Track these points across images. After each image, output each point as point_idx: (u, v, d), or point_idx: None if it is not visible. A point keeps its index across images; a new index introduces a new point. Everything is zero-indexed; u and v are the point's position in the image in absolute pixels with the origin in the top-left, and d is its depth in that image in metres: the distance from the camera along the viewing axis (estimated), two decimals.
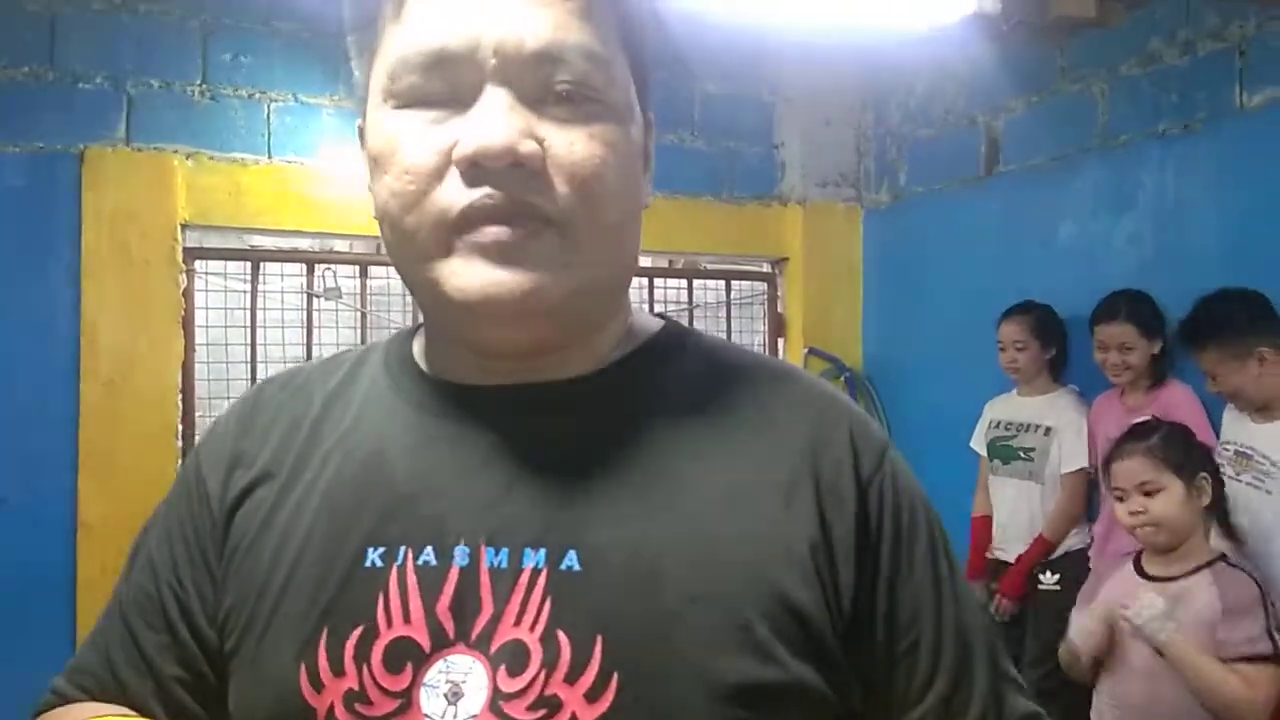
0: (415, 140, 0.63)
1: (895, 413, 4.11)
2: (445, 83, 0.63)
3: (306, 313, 3.67)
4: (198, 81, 3.39)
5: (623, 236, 0.68)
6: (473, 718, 0.60)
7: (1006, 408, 3.38)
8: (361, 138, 0.70)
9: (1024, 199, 3.60)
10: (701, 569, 0.63)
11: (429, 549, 0.65)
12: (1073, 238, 3.41)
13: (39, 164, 3.17)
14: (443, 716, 0.61)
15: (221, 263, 3.58)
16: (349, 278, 3.73)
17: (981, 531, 3.40)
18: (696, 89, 4.11)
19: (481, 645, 0.62)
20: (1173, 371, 2.94)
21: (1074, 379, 3.29)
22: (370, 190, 0.68)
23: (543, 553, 0.63)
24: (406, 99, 0.64)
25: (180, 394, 3.35)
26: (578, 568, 0.63)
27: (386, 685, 0.62)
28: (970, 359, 3.55)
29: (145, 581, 0.74)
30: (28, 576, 3.05)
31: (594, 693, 0.60)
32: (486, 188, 0.62)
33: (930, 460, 3.85)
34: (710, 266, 4.44)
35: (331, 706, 0.63)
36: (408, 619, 0.63)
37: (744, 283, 4.39)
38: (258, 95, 3.46)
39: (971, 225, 3.81)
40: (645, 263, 4.42)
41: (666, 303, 4.26)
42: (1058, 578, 3.10)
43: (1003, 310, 3.32)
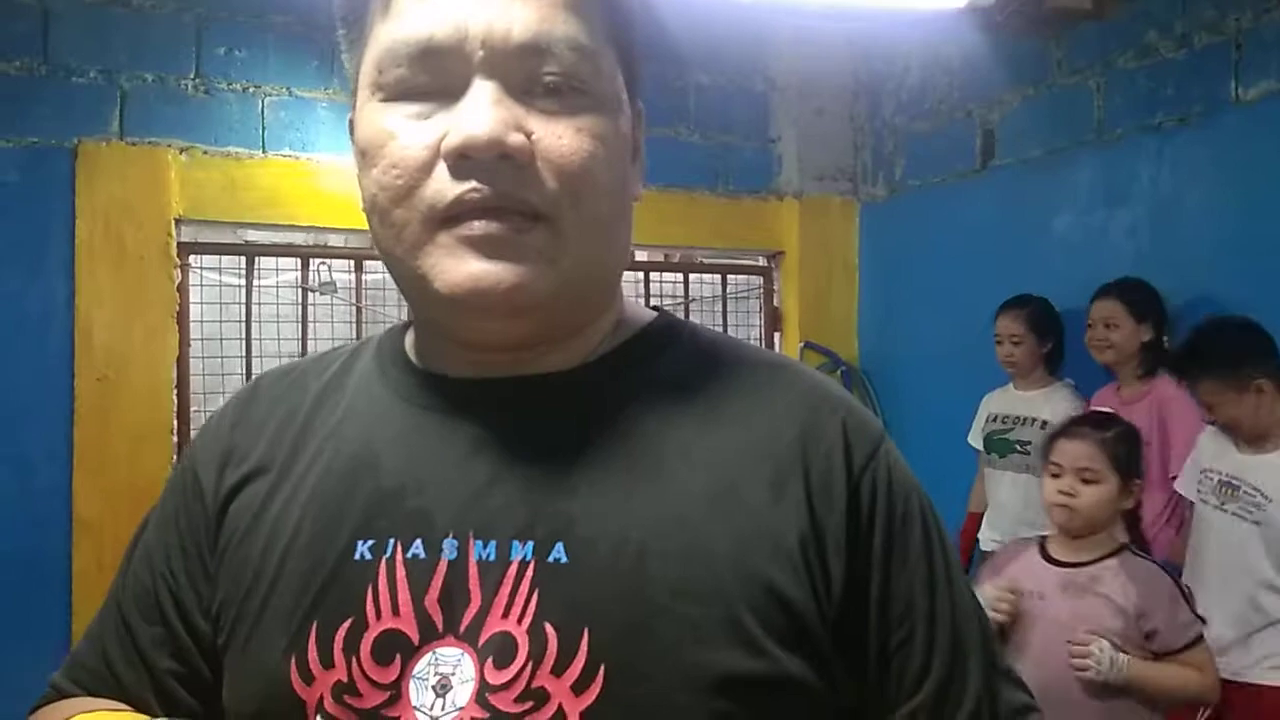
0: (403, 133, 0.63)
1: (891, 406, 4.11)
2: (433, 75, 0.63)
3: (302, 307, 3.67)
4: (192, 75, 3.38)
5: (611, 230, 0.68)
6: (460, 710, 0.61)
7: (1003, 401, 3.38)
8: (352, 130, 0.70)
9: (1020, 192, 3.60)
10: (689, 562, 0.63)
11: (418, 542, 0.65)
12: (1069, 231, 3.41)
13: (32, 158, 3.16)
14: (431, 709, 0.61)
15: (216, 257, 3.58)
16: (344, 272, 3.73)
17: (974, 529, 3.40)
18: (690, 80, 4.11)
19: (470, 637, 0.62)
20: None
21: (1070, 373, 3.29)
22: (359, 183, 0.67)
23: (530, 545, 0.63)
24: (394, 91, 0.64)
25: (175, 389, 3.35)
26: (565, 560, 0.63)
27: (375, 677, 0.63)
28: (966, 352, 3.55)
29: (142, 574, 0.75)
30: (23, 572, 3.05)
31: (581, 685, 0.60)
32: (474, 181, 0.62)
33: (925, 453, 3.86)
34: (706, 260, 4.44)
35: (321, 698, 0.63)
36: (396, 611, 0.63)
37: (740, 277, 4.40)
38: (252, 89, 3.45)
39: (967, 219, 3.81)
40: (641, 257, 4.42)
41: (662, 297, 4.26)
42: None
43: (999, 304, 3.32)
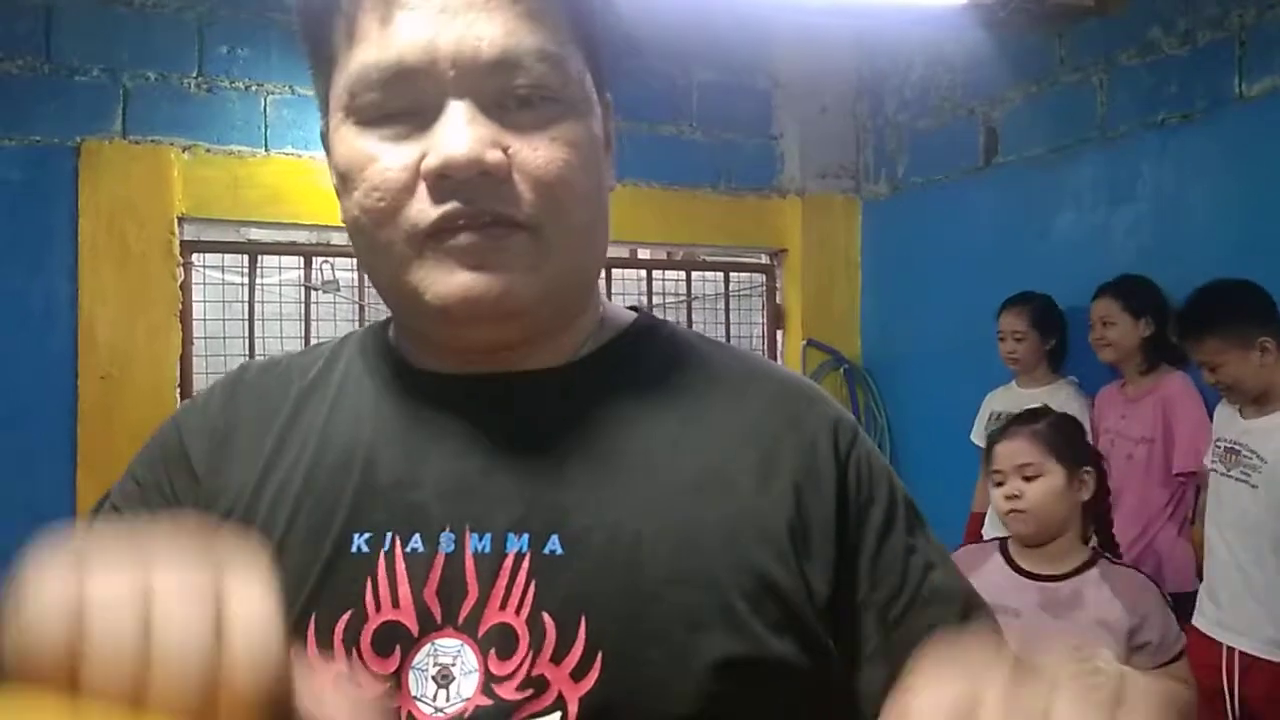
0: (382, 156, 0.65)
1: (894, 404, 4.10)
2: (406, 98, 0.64)
3: (304, 305, 3.68)
4: (194, 74, 3.39)
5: (591, 234, 0.70)
6: (465, 700, 0.62)
7: (1006, 399, 3.37)
8: (324, 143, 0.71)
9: (1023, 189, 3.59)
10: (680, 550, 0.65)
11: (416, 536, 0.66)
12: (1072, 228, 3.41)
13: (35, 157, 3.17)
14: (434, 699, 0.62)
15: (219, 255, 3.58)
16: (347, 270, 3.73)
17: (977, 527, 3.39)
18: (693, 77, 4.11)
19: (468, 628, 0.63)
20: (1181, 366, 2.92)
21: (1076, 371, 3.29)
22: (340, 203, 0.69)
23: (526, 537, 0.65)
24: (368, 115, 0.65)
25: (178, 388, 3.35)
26: (560, 551, 0.64)
27: (375, 668, 0.63)
28: (969, 350, 3.55)
29: (130, 493, 0.73)
30: None
31: (579, 671, 0.62)
32: (455, 201, 0.63)
33: (928, 451, 3.88)
34: (709, 258, 4.44)
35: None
36: (396, 604, 0.64)
37: (743, 274, 4.40)
38: (255, 87, 3.46)
39: (970, 216, 3.80)
40: (643, 255, 4.42)
41: (665, 295, 4.26)
42: None
43: (1002, 301, 3.32)
